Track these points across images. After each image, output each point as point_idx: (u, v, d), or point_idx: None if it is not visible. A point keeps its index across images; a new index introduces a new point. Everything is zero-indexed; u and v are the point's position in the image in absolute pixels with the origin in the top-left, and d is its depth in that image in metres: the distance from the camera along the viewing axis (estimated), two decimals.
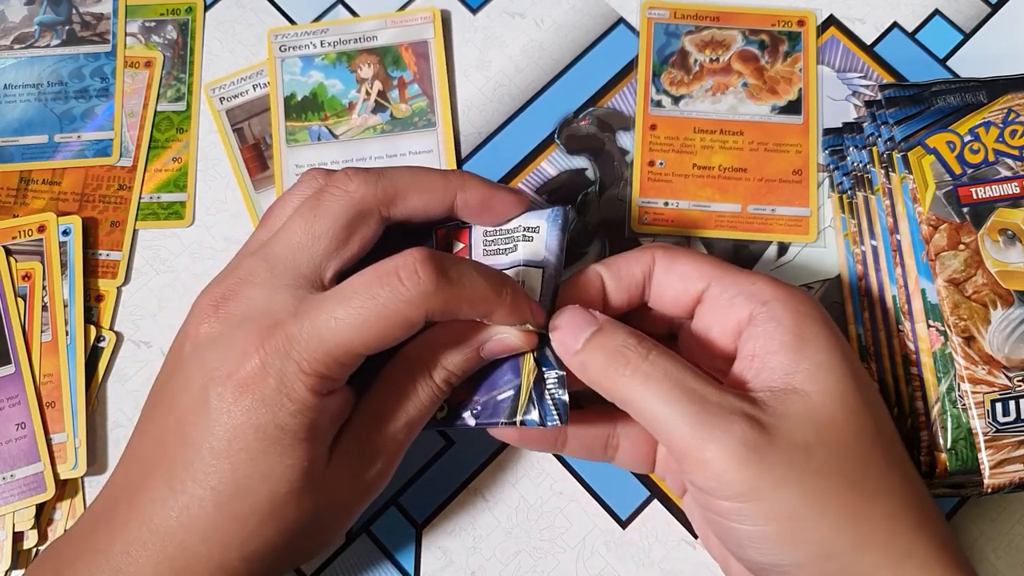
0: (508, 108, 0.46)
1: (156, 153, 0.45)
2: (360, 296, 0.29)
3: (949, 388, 0.35)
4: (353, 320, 0.29)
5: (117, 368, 0.42)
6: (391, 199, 0.33)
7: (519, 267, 0.34)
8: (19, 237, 0.43)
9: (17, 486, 0.39)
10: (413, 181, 0.33)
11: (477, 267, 0.31)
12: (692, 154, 0.45)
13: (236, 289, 0.31)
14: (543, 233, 0.35)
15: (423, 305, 0.29)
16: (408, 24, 0.46)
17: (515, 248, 0.35)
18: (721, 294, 0.33)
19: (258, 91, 0.46)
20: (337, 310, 0.29)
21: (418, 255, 0.29)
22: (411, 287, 0.29)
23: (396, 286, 0.29)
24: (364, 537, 0.40)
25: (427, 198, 0.33)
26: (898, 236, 0.38)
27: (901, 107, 0.38)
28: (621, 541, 0.40)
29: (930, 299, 0.36)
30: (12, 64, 0.46)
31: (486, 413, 0.33)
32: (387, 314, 0.29)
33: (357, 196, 0.32)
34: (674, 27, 0.46)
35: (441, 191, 0.34)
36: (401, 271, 0.29)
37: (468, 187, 0.34)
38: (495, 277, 0.31)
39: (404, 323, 0.29)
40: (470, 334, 0.32)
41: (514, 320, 0.31)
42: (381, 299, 0.29)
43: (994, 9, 0.47)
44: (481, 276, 0.30)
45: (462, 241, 0.36)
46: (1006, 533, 0.39)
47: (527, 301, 0.32)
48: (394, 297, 0.29)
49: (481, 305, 0.30)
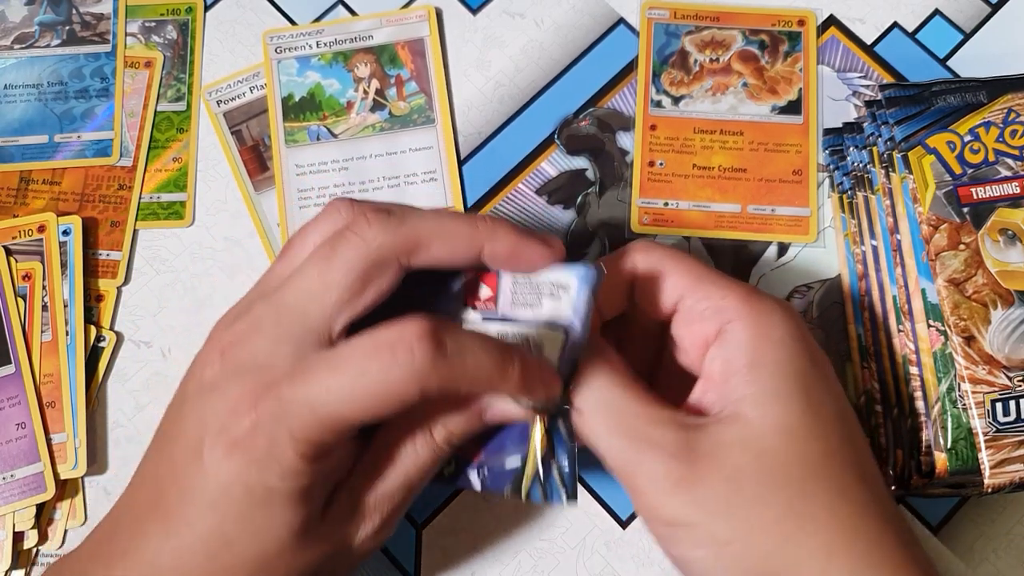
0: (508, 108, 0.46)
1: (156, 153, 0.45)
2: (353, 368, 0.28)
3: (949, 388, 0.35)
4: (344, 392, 0.27)
5: (117, 368, 0.42)
6: (412, 249, 0.30)
7: (540, 327, 0.32)
8: (19, 237, 0.43)
9: (17, 486, 0.39)
10: (438, 229, 0.31)
11: (481, 342, 0.29)
12: (692, 154, 0.45)
13: (243, 336, 0.30)
14: (572, 293, 0.32)
15: (418, 383, 0.27)
16: (403, 22, 0.47)
17: (540, 304, 0.32)
18: (693, 306, 0.33)
19: (255, 93, 0.46)
20: (330, 379, 0.28)
21: (416, 328, 0.27)
22: (404, 364, 0.27)
23: (389, 361, 0.27)
24: None
25: (451, 247, 0.31)
26: (898, 236, 0.38)
27: (901, 107, 0.38)
28: (621, 541, 0.40)
29: (930, 299, 0.36)
30: (12, 64, 0.46)
31: (492, 478, 0.32)
32: (379, 390, 0.27)
33: (375, 244, 0.30)
34: (674, 27, 0.46)
35: (467, 241, 0.31)
36: (397, 345, 0.27)
37: (497, 238, 0.31)
38: (500, 353, 0.29)
39: (397, 400, 0.28)
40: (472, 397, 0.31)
41: (518, 393, 0.30)
42: (373, 374, 0.27)
43: (994, 9, 0.46)
44: (485, 352, 0.28)
45: (490, 287, 0.33)
46: (1006, 533, 0.39)
47: (538, 376, 0.30)
48: (386, 373, 0.27)
49: (483, 383, 0.29)
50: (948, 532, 0.39)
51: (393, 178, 0.45)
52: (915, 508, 0.40)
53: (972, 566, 0.39)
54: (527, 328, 0.32)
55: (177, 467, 0.30)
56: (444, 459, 0.32)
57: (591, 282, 0.31)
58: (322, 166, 0.45)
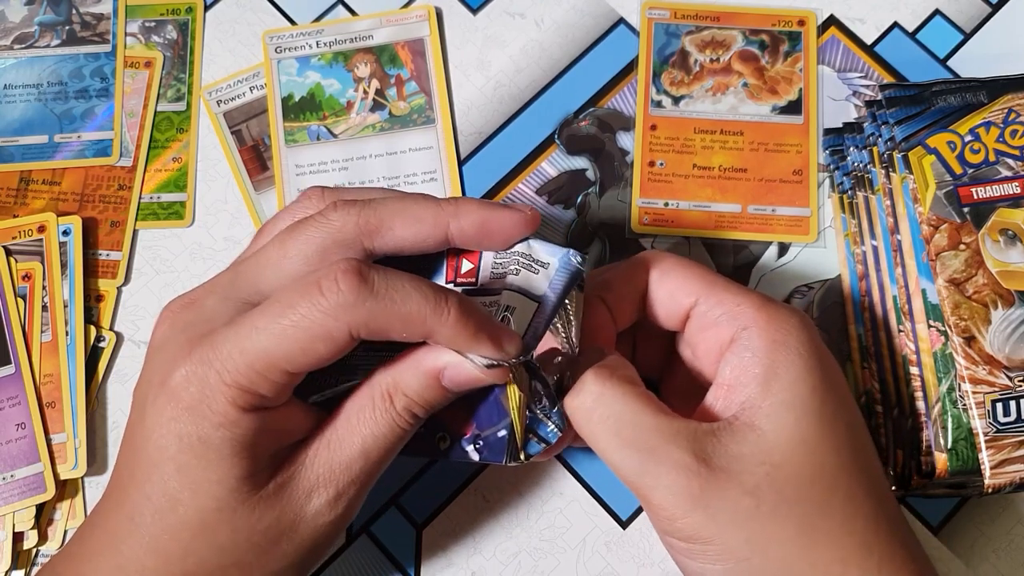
0: (508, 108, 0.46)
1: (156, 153, 0.45)
2: (280, 305, 0.27)
3: (950, 388, 0.35)
4: (272, 330, 0.27)
5: (117, 368, 0.42)
6: (374, 230, 0.30)
7: (513, 292, 0.32)
8: (19, 237, 0.43)
9: (17, 486, 0.39)
10: (400, 211, 0.30)
11: (412, 280, 0.28)
12: (692, 154, 0.45)
13: (197, 297, 0.31)
14: (551, 270, 0.32)
15: (344, 318, 0.27)
16: (403, 22, 0.46)
17: (517, 273, 0.32)
18: (707, 312, 0.33)
19: (255, 93, 0.46)
20: (258, 320, 0.28)
21: (343, 264, 0.27)
22: (330, 298, 0.27)
23: (315, 297, 0.27)
24: (364, 537, 0.40)
25: (415, 229, 0.30)
26: (898, 236, 0.38)
27: (901, 107, 0.38)
28: (621, 541, 0.40)
29: (931, 299, 0.36)
30: (12, 64, 0.46)
31: (487, 449, 0.32)
32: (306, 326, 0.27)
33: (337, 225, 0.30)
34: (674, 27, 0.46)
35: (431, 221, 0.30)
36: (323, 281, 0.27)
37: (462, 214, 0.31)
38: (434, 292, 0.28)
39: (325, 337, 0.27)
40: (424, 358, 0.30)
41: (463, 344, 0.29)
42: (300, 310, 0.27)
43: (994, 9, 0.46)
44: (415, 290, 0.28)
45: (472, 261, 0.33)
46: (1007, 533, 0.39)
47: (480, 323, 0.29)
48: (312, 308, 0.27)
49: (416, 323, 0.28)
50: (948, 532, 0.39)
51: (393, 178, 0.45)
52: (915, 508, 0.40)
53: (972, 566, 0.39)
54: (500, 296, 0.32)
55: (129, 429, 0.30)
56: (407, 430, 0.31)
57: (571, 265, 0.31)
58: (322, 166, 0.45)
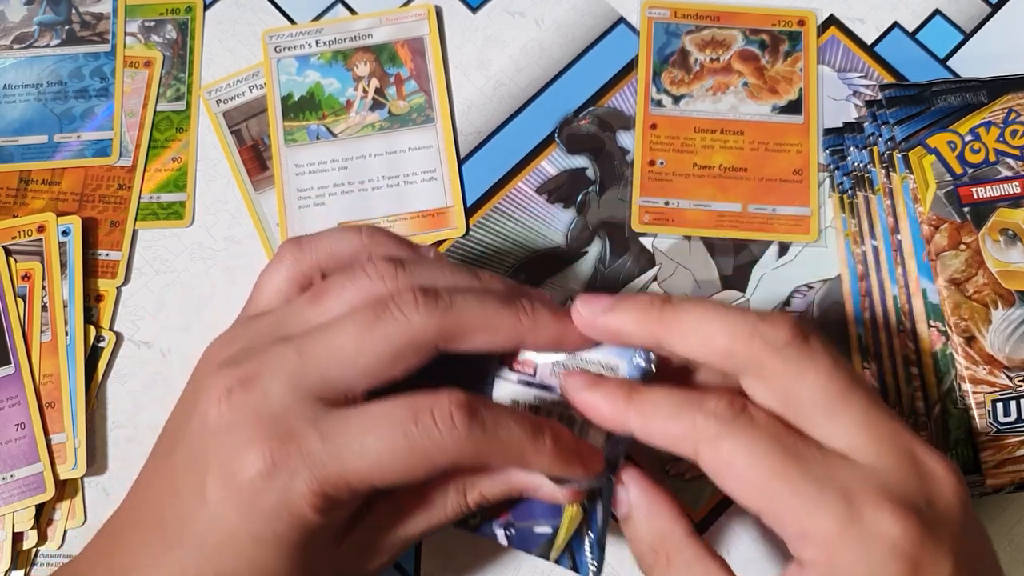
0: (508, 108, 0.46)
1: (156, 153, 0.45)
2: (391, 428, 0.28)
3: (950, 388, 0.35)
4: (381, 450, 0.27)
5: (117, 368, 0.42)
6: (451, 338, 0.30)
7: None
8: (19, 237, 0.43)
9: (17, 486, 0.39)
10: (482, 321, 0.30)
11: (515, 415, 0.29)
12: (692, 153, 0.44)
13: (255, 377, 0.29)
14: (621, 374, 0.31)
15: (453, 451, 0.28)
16: (403, 21, 0.46)
17: None
18: (764, 509, 0.28)
19: (254, 92, 0.46)
20: (366, 436, 0.28)
21: (454, 398, 0.28)
22: (444, 431, 0.27)
23: (429, 427, 0.27)
24: None
25: (490, 340, 0.30)
26: (899, 236, 0.38)
27: (902, 107, 0.38)
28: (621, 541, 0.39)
29: (931, 299, 0.36)
30: (12, 64, 0.46)
31: (519, 538, 0.32)
32: (415, 453, 0.28)
33: (419, 328, 0.29)
34: (674, 26, 0.46)
35: (509, 332, 0.30)
36: (436, 411, 0.28)
37: (539, 328, 0.31)
38: (532, 425, 0.29)
39: (430, 466, 0.28)
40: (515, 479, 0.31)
41: (556, 471, 0.30)
42: (412, 437, 0.27)
43: (994, 9, 0.46)
44: (518, 425, 0.29)
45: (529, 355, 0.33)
46: (1007, 533, 0.39)
47: (573, 450, 0.29)
48: (425, 438, 0.27)
49: (515, 455, 0.29)
50: None
51: (392, 177, 0.45)
52: None
53: None
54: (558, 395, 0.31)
55: (179, 496, 0.29)
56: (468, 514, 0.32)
57: (642, 367, 0.31)
58: (322, 165, 0.45)
